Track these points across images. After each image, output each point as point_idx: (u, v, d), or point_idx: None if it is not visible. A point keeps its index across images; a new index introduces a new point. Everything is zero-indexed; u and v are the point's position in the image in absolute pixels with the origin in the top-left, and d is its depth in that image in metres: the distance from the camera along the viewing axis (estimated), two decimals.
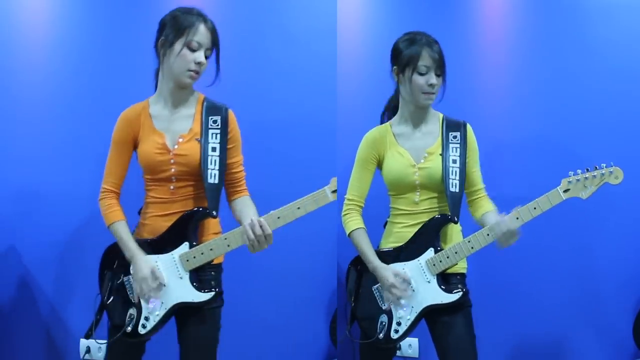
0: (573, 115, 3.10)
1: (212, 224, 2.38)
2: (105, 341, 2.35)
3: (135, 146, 2.35)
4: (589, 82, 3.08)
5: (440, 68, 2.38)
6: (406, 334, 2.41)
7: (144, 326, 2.28)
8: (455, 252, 2.37)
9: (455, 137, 2.44)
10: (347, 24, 3.17)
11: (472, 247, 2.35)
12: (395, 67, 2.45)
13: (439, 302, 2.37)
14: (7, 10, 3.06)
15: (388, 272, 2.39)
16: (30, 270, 3.08)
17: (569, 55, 3.10)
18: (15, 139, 3.05)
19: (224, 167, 2.32)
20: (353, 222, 2.50)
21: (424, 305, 2.39)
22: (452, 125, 2.46)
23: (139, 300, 2.29)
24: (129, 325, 2.29)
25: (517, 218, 2.31)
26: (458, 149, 2.42)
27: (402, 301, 2.38)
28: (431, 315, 2.40)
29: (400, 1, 3.23)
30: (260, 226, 2.23)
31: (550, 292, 3.12)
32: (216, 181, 2.30)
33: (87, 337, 2.37)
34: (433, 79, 2.37)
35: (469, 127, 2.47)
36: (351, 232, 2.49)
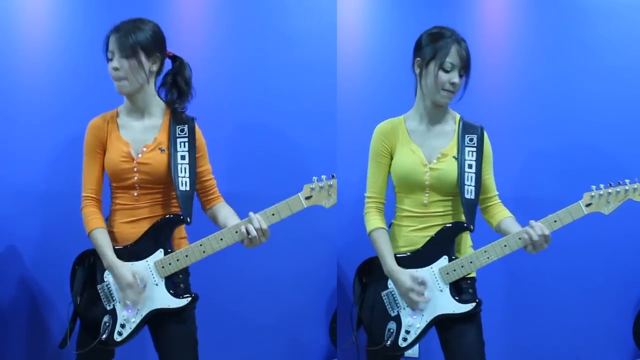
0: (573, 115, 3.09)
1: (179, 229, 2.40)
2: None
3: (104, 153, 2.38)
4: (590, 82, 3.08)
5: (465, 68, 2.31)
6: (415, 342, 2.35)
7: (120, 334, 2.31)
8: (470, 262, 2.31)
9: (471, 139, 2.36)
10: (347, 24, 3.17)
11: (488, 258, 2.29)
12: (418, 59, 2.36)
13: (451, 312, 2.32)
14: (7, 11, 3.05)
15: (405, 276, 2.32)
16: (30, 270, 3.08)
17: (570, 56, 3.10)
18: (16, 139, 3.05)
19: (195, 174, 2.35)
20: (373, 221, 2.43)
21: (436, 315, 2.33)
22: (468, 128, 2.38)
23: (114, 307, 2.31)
24: (104, 333, 2.30)
25: (519, 239, 2.26)
26: (474, 154, 2.34)
27: (421, 306, 2.32)
28: (441, 322, 2.34)
29: (400, 1, 3.23)
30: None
31: (550, 292, 3.12)
32: (188, 188, 2.33)
33: (62, 346, 2.38)
34: (456, 77, 2.30)
35: (485, 132, 2.40)
36: (370, 231, 2.42)
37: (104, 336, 2.30)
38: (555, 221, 2.27)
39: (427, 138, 2.39)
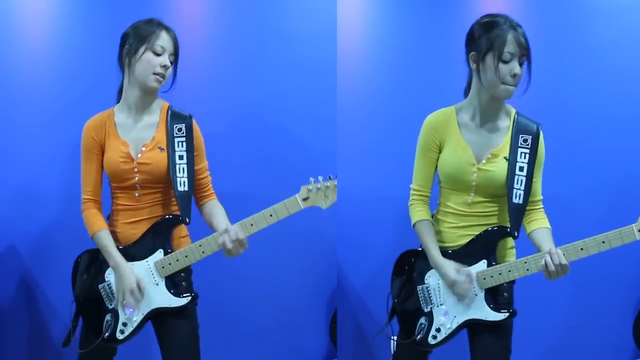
0: (571, 114, 3.09)
1: (180, 228, 2.41)
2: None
3: (103, 153, 2.37)
4: (591, 83, 3.08)
5: (525, 55, 2.16)
6: (444, 341, 2.31)
7: (122, 332, 2.32)
8: (509, 271, 2.21)
9: (525, 140, 2.22)
10: (347, 24, 3.17)
11: (527, 269, 2.19)
12: (473, 53, 2.21)
13: (483, 318, 2.25)
14: (7, 12, 3.05)
15: (450, 269, 2.26)
16: (30, 270, 3.08)
17: (570, 55, 3.09)
18: (15, 139, 3.05)
19: (193, 174, 2.35)
20: (418, 213, 2.35)
21: (468, 318, 2.28)
22: (524, 126, 2.24)
23: (116, 306, 2.32)
24: (106, 332, 2.32)
25: (582, 249, 2.16)
26: (527, 156, 2.21)
27: (469, 299, 2.25)
28: (472, 325, 2.29)
29: (400, 1, 3.23)
30: (235, 232, 2.25)
31: (550, 292, 3.12)
32: (186, 189, 2.33)
33: (65, 344, 2.40)
34: (517, 68, 2.15)
35: (541, 132, 2.25)
36: (415, 223, 2.36)
37: (106, 334, 2.32)
38: (603, 242, 2.15)
39: (479, 135, 2.27)
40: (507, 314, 2.25)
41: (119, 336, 2.32)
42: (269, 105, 3.12)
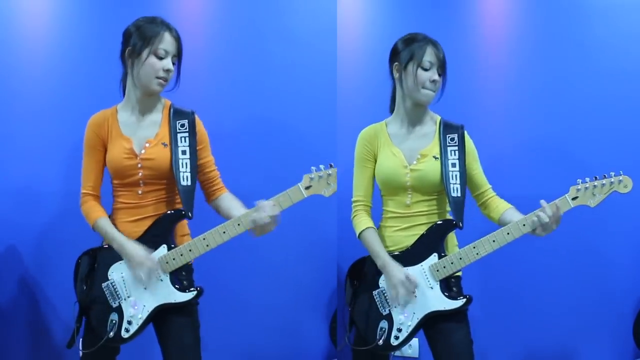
0: (573, 117, 3.08)
1: (182, 226, 2.41)
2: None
3: (105, 150, 2.37)
4: (589, 84, 3.08)
5: (442, 67, 2.37)
6: (407, 340, 2.38)
7: (127, 330, 2.32)
8: (460, 258, 2.33)
9: (452, 139, 2.41)
10: (347, 24, 3.17)
11: (477, 254, 2.32)
12: (396, 63, 2.42)
13: (442, 308, 2.34)
14: (7, 11, 3.06)
15: (398, 269, 2.35)
16: (31, 270, 3.08)
17: (570, 57, 3.09)
18: (16, 139, 3.06)
19: (196, 169, 2.36)
20: (361, 222, 2.47)
21: (427, 312, 2.35)
22: (449, 128, 2.43)
23: (120, 305, 2.32)
24: (111, 331, 2.31)
25: (524, 225, 2.30)
26: (456, 152, 2.39)
27: (404, 303, 2.35)
28: (429, 321, 2.36)
29: (400, 1, 3.23)
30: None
31: (550, 293, 3.12)
32: (189, 183, 2.33)
33: (70, 346, 2.40)
34: (435, 75, 2.35)
35: (465, 130, 2.45)
36: (360, 232, 2.46)
37: (111, 334, 2.31)
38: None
39: (408, 140, 2.44)
40: (464, 300, 2.33)
41: (124, 335, 2.32)
42: (269, 106, 3.12)
